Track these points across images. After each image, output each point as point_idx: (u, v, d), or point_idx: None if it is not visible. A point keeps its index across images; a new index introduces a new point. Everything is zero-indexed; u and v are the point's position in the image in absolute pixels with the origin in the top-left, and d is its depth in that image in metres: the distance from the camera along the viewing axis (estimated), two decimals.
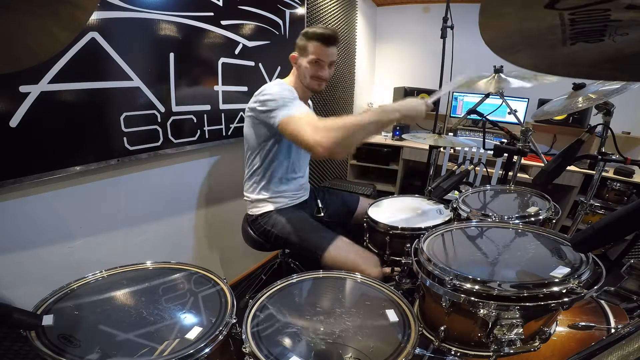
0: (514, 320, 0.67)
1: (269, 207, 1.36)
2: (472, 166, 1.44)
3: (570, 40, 0.34)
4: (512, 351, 0.67)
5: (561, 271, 0.71)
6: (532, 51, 0.39)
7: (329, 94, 2.68)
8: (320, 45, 1.26)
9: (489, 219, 1.11)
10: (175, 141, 1.42)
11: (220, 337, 0.69)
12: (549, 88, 1.99)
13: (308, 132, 1.02)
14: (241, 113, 1.72)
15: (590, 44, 0.34)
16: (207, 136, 1.56)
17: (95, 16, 1.06)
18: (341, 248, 1.21)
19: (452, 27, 1.87)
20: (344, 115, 1.02)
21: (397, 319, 0.78)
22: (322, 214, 1.53)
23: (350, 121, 1.00)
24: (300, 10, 2.04)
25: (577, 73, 0.40)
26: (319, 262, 1.21)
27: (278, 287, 0.90)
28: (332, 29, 1.29)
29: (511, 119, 2.44)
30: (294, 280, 0.93)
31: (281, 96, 1.16)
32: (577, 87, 1.20)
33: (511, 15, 0.35)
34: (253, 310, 0.80)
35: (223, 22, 1.52)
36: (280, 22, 1.88)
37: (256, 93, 1.25)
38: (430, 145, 2.10)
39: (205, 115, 1.53)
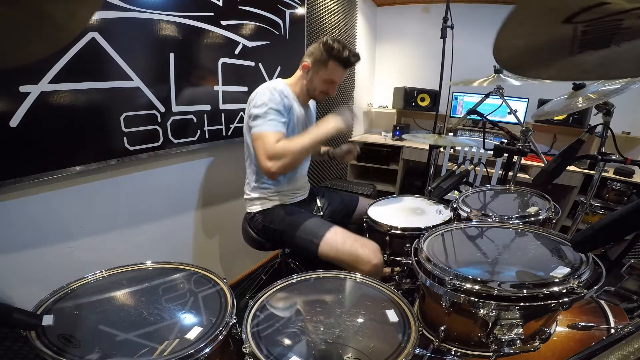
0: (514, 320, 0.67)
1: (267, 204, 1.36)
2: (472, 166, 1.45)
3: (578, 50, 0.34)
4: (512, 351, 0.67)
5: (561, 271, 0.71)
6: (541, 63, 0.39)
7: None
8: (340, 67, 1.27)
9: (489, 219, 1.11)
10: (175, 141, 1.42)
11: (220, 337, 0.69)
12: (549, 88, 1.99)
13: (263, 155, 1.14)
14: (241, 113, 1.72)
15: (596, 51, 0.34)
16: (207, 136, 1.56)
17: (95, 16, 1.06)
18: (338, 234, 1.20)
19: (452, 27, 1.87)
20: (295, 138, 1.18)
21: (397, 319, 0.78)
22: (322, 214, 1.53)
23: (299, 145, 1.14)
24: (300, 10, 2.04)
25: (587, 77, 0.40)
26: (316, 252, 1.19)
27: (278, 287, 0.90)
28: (356, 53, 1.28)
29: (511, 119, 2.44)
30: (294, 280, 0.93)
31: (266, 107, 1.18)
32: (577, 87, 1.20)
33: (526, 33, 0.35)
34: (253, 310, 0.80)
35: (223, 22, 1.52)
36: (280, 22, 1.88)
37: (252, 94, 1.25)
38: (430, 145, 2.10)
39: (205, 115, 1.53)
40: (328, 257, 1.18)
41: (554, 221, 1.15)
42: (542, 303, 0.66)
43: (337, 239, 1.18)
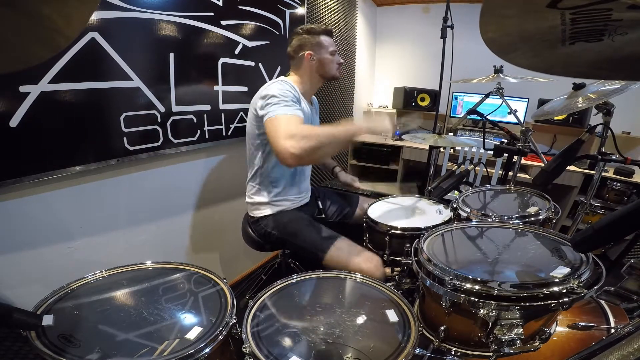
0: (514, 320, 0.67)
1: (271, 210, 1.35)
2: (472, 166, 1.44)
3: (570, 40, 0.34)
4: (512, 351, 0.67)
5: (561, 271, 0.71)
6: (531, 51, 0.39)
7: (329, 94, 2.68)
8: (329, 38, 1.36)
9: (489, 219, 1.11)
10: (175, 141, 1.42)
11: (220, 337, 0.69)
12: (549, 88, 1.99)
13: (282, 135, 1.00)
14: (241, 113, 1.72)
15: (589, 44, 0.34)
16: (207, 136, 1.56)
17: (95, 16, 1.06)
18: (342, 249, 1.21)
19: (452, 27, 1.87)
20: (323, 126, 1.06)
21: (397, 319, 0.78)
22: (323, 216, 1.53)
23: (326, 132, 1.03)
24: (300, 10, 2.04)
25: (575, 73, 0.40)
26: (320, 264, 1.21)
27: (278, 287, 0.90)
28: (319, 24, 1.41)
29: (511, 119, 2.44)
30: (294, 280, 0.93)
31: (282, 94, 1.14)
32: (577, 87, 1.20)
33: (513, 16, 0.35)
34: (253, 310, 0.80)
35: (223, 22, 1.52)
36: (280, 22, 1.88)
37: (260, 90, 1.24)
38: (430, 146, 2.10)
39: (205, 115, 1.53)
40: (332, 268, 1.18)
41: (554, 221, 1.14)
42: (542, 303, 0.66)
43: (340, 255, 1.19)
